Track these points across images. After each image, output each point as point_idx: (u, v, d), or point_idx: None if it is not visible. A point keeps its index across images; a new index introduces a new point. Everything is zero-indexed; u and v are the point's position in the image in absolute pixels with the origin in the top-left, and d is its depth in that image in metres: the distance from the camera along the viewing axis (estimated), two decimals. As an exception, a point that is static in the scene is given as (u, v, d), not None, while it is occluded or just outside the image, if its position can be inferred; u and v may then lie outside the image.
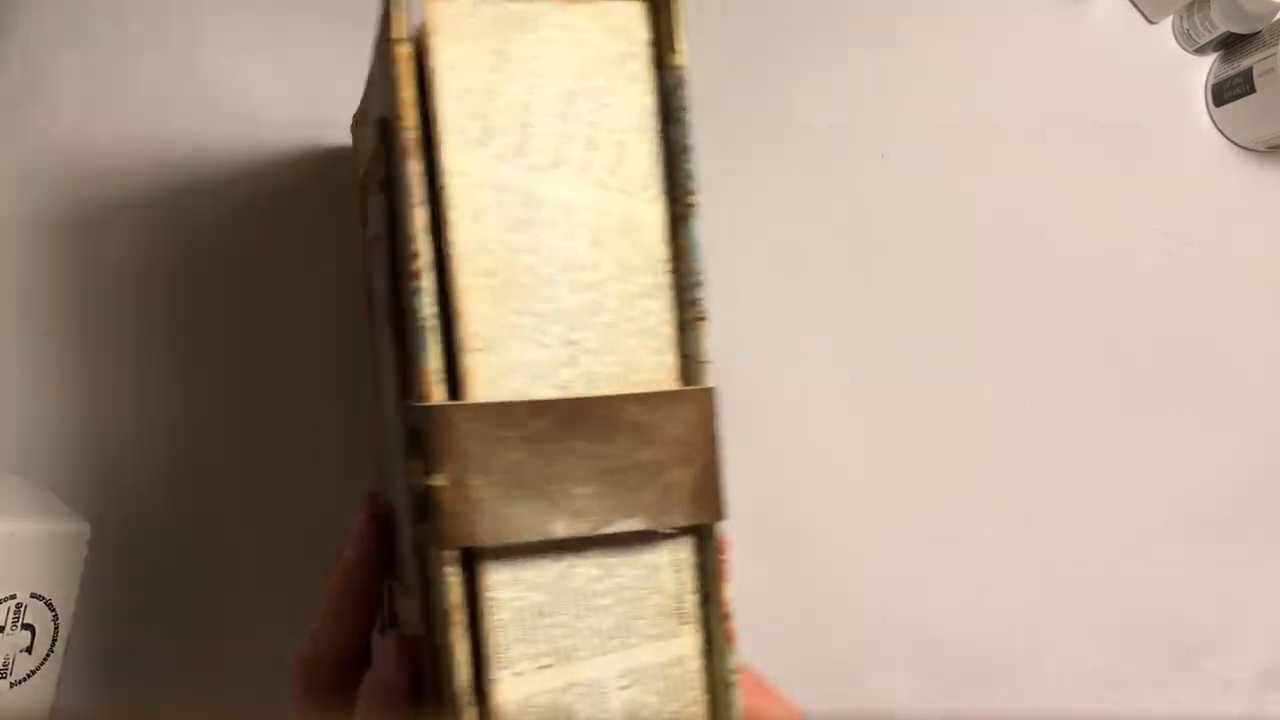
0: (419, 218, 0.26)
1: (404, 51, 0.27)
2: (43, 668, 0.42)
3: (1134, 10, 0.48)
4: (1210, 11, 0.45)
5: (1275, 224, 0.48)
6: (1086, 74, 0.48)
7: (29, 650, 0.41)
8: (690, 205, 0.28)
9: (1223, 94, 0.47)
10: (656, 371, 0.29)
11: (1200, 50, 0.48)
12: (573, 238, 0.28)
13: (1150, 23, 0.48)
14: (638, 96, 0.29)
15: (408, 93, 0.26)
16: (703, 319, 0.28)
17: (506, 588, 0.27)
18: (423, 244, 0.26)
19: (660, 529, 0.27)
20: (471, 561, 0.27)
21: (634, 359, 0.28)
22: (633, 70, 0.29)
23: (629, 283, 0.29)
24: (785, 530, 0.44)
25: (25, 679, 0.41)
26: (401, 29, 0.27)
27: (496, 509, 0.26)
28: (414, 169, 0.26)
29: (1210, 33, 0.46)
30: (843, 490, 0.47)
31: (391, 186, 0.29)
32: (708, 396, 0.28)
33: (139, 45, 0.47)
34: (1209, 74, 0.48)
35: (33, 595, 0.41)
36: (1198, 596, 0.48)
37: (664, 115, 0.29)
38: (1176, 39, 0.48)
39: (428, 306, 0.26)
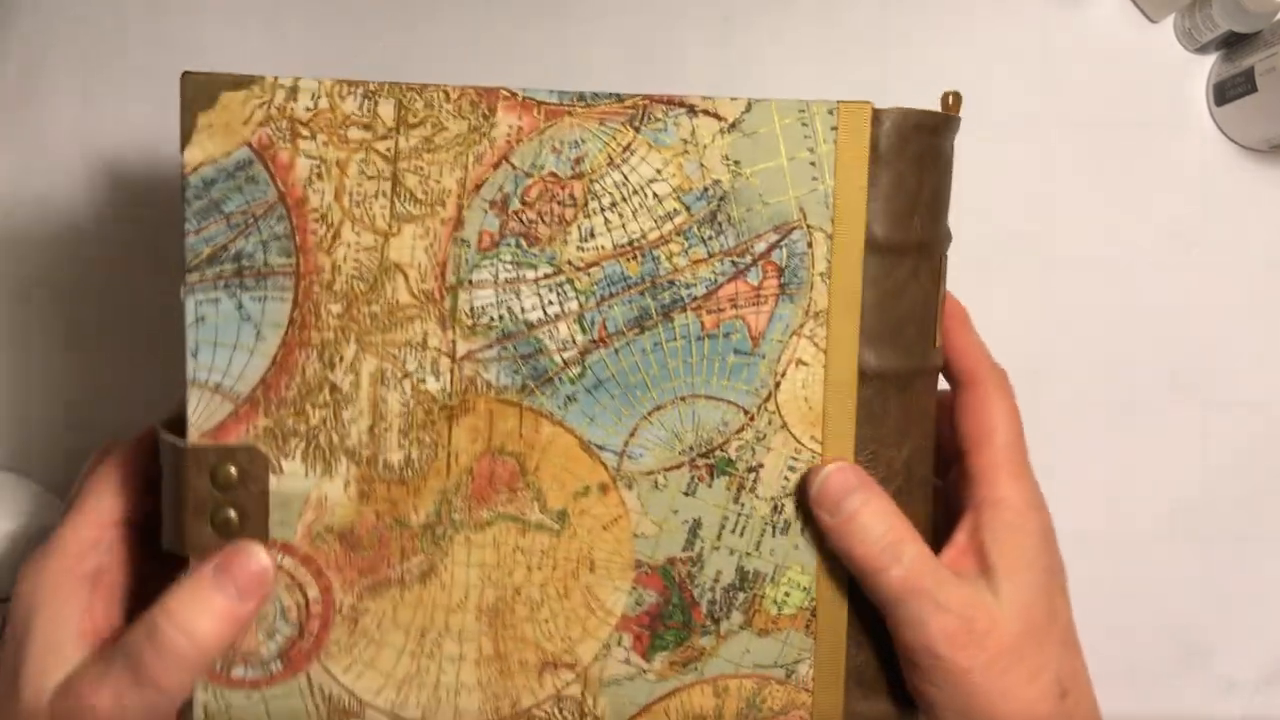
0: None
1: None
2: (43, 667, 0.42)
3: (1135, 9, 0.48)
4: (1212, 10, 0.45)
5: (1275, 224, 0.48)
6: (1087, 73, 0.48)
7: (29, 650, 0.41)
8: None
9: (1224, 93, 0.47)
10: None
11: (1202, 49, 0.48)
12: None
13: (1151, 22, 0.48)
14: None
15: None
16: None
17: None
18: None
19: None
20: None
21: None
22: None
23: None
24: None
25: (26, 678, 0.41)
26: None
27: None
28: None
29: (1212, 31, 0.46)
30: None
31: None
32: None
33: (139, 44, 0.47)
34: (1210, 73, 0.48)
35: (33, 595, 0.41)
36: (1198, 597, 0.48)
37: None
38: (1178, 38, 0.48)
39: None
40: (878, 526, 0.33)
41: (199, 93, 0.32)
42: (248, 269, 0.32)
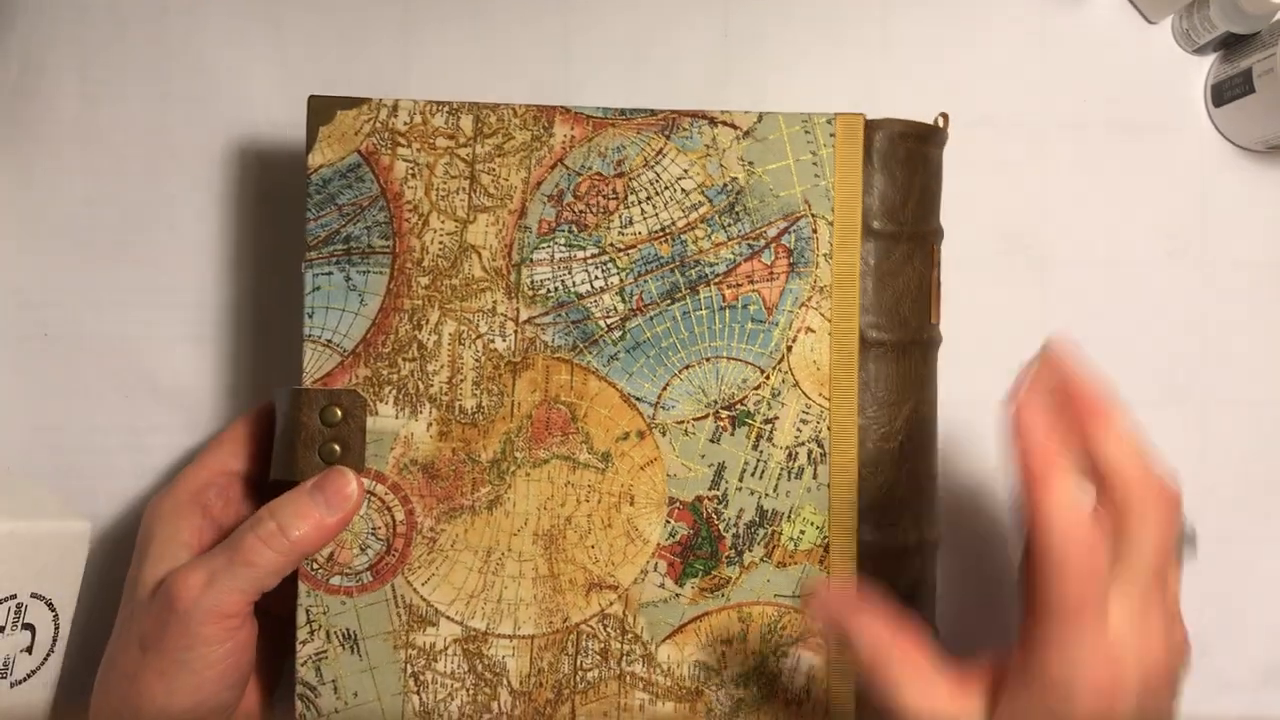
0: None
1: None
2: (43, 668, 0.42)
3: (1134, 10, 0.49)
4: (1210, 11, 0.46)
5: (1275, 224, 0.49)
6: (1086, 74, 0.49)
7: (29, 650, 0.42)
8: None
9: (1222, 94, 0.47)
10: None
11: (1200, 50, 0.48)
12: None
13: (1150, 23, 0.49)
14: None
15: None
16: None
17: None
18: None
19: None
20: None
21: None
22: None
23: None
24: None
25: (26, 679, 0.42)
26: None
27: None
28: None
29: (1210, 33, 0.46)
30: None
31: None
32: None
33: (139, 44, 0.47)
34: (1209, 74, 0.48)
35: (33, 595, 0.41)
36: (1197, 596, 0.48)
37: None
38: (1176, 39, 0.49)
39: None
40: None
41: (320, 111, 0.40)
42: (355, 249, 0.40)
